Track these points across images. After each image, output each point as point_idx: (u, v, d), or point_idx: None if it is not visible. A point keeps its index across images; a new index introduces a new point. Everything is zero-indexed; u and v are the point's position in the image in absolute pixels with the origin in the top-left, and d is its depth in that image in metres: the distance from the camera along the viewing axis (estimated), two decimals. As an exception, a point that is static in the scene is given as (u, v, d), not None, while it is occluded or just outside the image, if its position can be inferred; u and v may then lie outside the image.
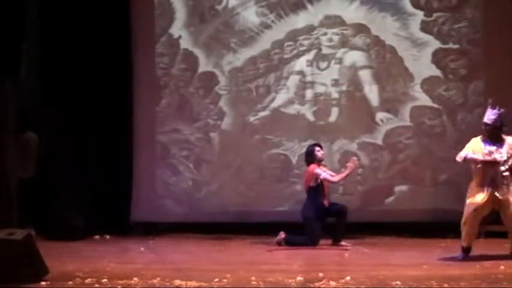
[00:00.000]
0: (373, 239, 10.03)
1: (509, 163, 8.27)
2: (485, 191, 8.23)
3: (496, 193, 8.19)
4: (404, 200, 10.38)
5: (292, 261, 8.62)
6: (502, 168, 8.23)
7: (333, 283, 7.00)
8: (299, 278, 7.26)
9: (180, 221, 10.84)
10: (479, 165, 8.27)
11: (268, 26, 10.83)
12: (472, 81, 10.59)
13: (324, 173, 9.61)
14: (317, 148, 9.79)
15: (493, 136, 8.35)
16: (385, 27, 10.69)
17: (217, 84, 10.89)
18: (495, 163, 8.21)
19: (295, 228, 9.64)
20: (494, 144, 8.31)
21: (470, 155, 8.33)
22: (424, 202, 10.54)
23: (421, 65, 10.66)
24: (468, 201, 8.32)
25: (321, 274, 7.40)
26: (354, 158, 9.74)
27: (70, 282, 7.05)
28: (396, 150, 10.57)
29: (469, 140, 10.21)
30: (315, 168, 9.60)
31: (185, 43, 10.93)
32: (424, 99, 10.62)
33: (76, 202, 10.21)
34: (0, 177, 9.34)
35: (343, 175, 9.61)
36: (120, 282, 7.06)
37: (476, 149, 8.34)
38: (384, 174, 10.58)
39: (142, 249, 9.48)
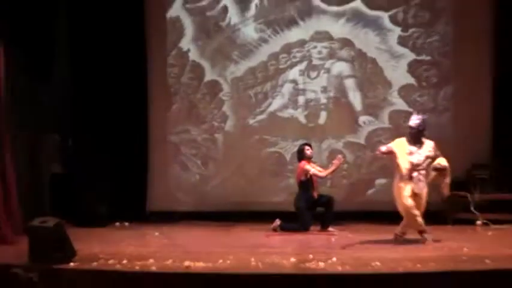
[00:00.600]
0: (357, 225, 10.05)
1: (426, 162, 8.34)
2: (408, 185, 8.29)
3: (414, 188, 8.28)
4: (383, 192, 10.34)
5: (286, 244, 8.64)
6: (418, 168, 8.28)
7: (321, 263, 7.01)
8: (292, 259, 7.28)
9: (190, 210, 10.89)
10: (409, 165, 8.31)
11: (265, 41, 10.91)
12: (442, 88, 10.67)
13: (313, 169, 9.65)
14: (307, 147, 9.82)
15: (416, 138, 8.40)
16: (367, 42, 10.77)
17: (221, 91, 10.97)
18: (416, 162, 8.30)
19: (288, 217, 9.67)
20: (415, 145, 8.38)
21: (389, 147, 8.44)
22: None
23: (398, 74, 10.75)
24: (401, 195, 8.30)
25: (311, 256, 7.39)
26: (340, 155, 9.74)
27: (95, 263, 7.05)
28: (377, 149, 10.65)
29: (440, 140, 10.40)
30: (305, 165, 9.63)
31: (193, 55, 11.00)
32: (400, 104, 10.72)
33: (100, 194, 10.26)
34: (34, 173, 9.44)
35: (330, 170, 9.63)
36: (138, 263, 7.05)
37: (402, 148, 8.39)
38: (366, 169, 10.70)
39: (157, 234, 9.48)
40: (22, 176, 8.96)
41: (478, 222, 9.93)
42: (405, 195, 8.29)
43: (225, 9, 10.94)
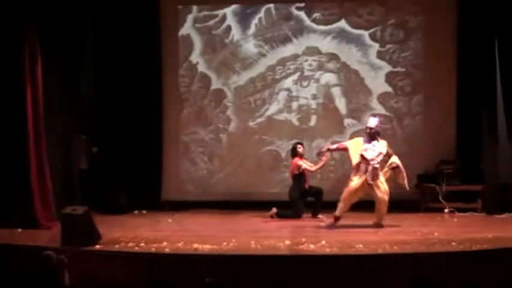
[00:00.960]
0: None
1: (380, 158, 8.33)
2: (361, 179, 8.30)
3: (368, 181, 8.27)
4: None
5: (282, 229, 8.64)
6: (373, 162, 8.29)
7: (312, 246, 7.07)
8: (287, 242, 7.31)
9: (198, 200, 10.81)
10: (358, 160, 8.34)
11: (263, 55, 10.85)
12: (414, 95, 10.65)
13: (304, 164, 9.62)
14: (299, 146, 9.78)
15: (372, 137, 8.42)
16: (351, 56, 10.72)
17: (225, 98, 10.90)
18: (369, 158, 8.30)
19: (283, 205, 9.66)
20: (370, 143, 8.39)
21: (342, 144, 8.63)
22: (379, 186, 10.62)
23: (377, 83, 10.69)
24: (350, 185, 8.38)
25: (303, 239, 7.43)
26: (327, 153, 9.62)
27: (117, 246, 7.09)
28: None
29: (413, 140, 10.47)
30: (298, 161, 9.61)
31: (201, 67, 10.92)
32: (379, 109, 10.65)
33: (121, 187, 10.21)
34: (66, 169, 9.42)
35: (319, 166, 9.58)
36: (154, 245, 7.10)
37: (357, 146, 8.40)
38: (349, 165, 10.29)
39: (170, 221, 9.45)
40: (56, 171, 8.94)
41: (446, 210, 9.93)
42: (352, 185, 8.35)
43: (228, 28, 10.88)
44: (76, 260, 6.26)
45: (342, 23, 10.72)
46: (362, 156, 8.33)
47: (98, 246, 7.04)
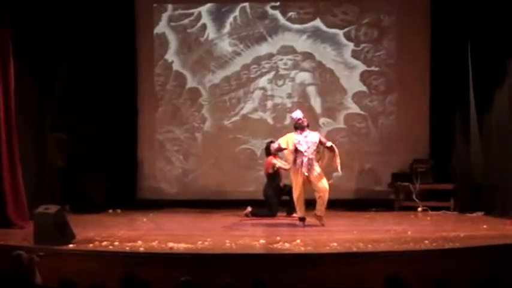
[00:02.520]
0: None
1: (313, 149, 8.35)
2: (300, 172, 8.32)
3: (304, 172, 8.29)
4: (339, 182, 10.42)
5: (256, 228, 8.60)
6: (306, 153, 8.30)
7: (287, 244, 7.03)
8: (262, 241, 7.28)
9: (173, 198, 10.77)
10: (293, 153, 8.36)
11: (238, 54, 10.84)
12: (389, 94, 10.71)
13: (278, 162, 9.55)
14: (272, 144, 9.72)
15: (302, 129, 8.44)
16: (326, 55, 10.76)
17: (200, 96, 10.87)
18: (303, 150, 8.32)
19: (258, 204, 9.63)
20: (302, 135, 8.39)
21: (279, 144, 8.50)
22: (353, 184, 10.65)
23: (352, 82, 10.74)
24: (295, 183, 8.40)
25: (278, 238, 7.39)
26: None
27: (91, 245, 7.01)
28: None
29: (387, 138, 10.52)
30: (272, 159, 9.54)
31: (176, 66, 10.89)
32: (354, 108, 10.72)
33: (96, 185, 10.10)
34: (41, 166, 9.31)
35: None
36: (128, 244, 7.03)
37: (290, 140, 8.42)
38: (324, 164, 10.63)
39: (144, 220, 9.36)
40: (30, 170, 8.83)
41: (419, 209, 9.98)
42: (296, 185, 8.35)
43: (203, 26, 10.85)
44: (49, 259, 6.17)
45: (317, 22, 10.75)
46: (296, 148, 8.32)
47: (71, 245, 6.94)
